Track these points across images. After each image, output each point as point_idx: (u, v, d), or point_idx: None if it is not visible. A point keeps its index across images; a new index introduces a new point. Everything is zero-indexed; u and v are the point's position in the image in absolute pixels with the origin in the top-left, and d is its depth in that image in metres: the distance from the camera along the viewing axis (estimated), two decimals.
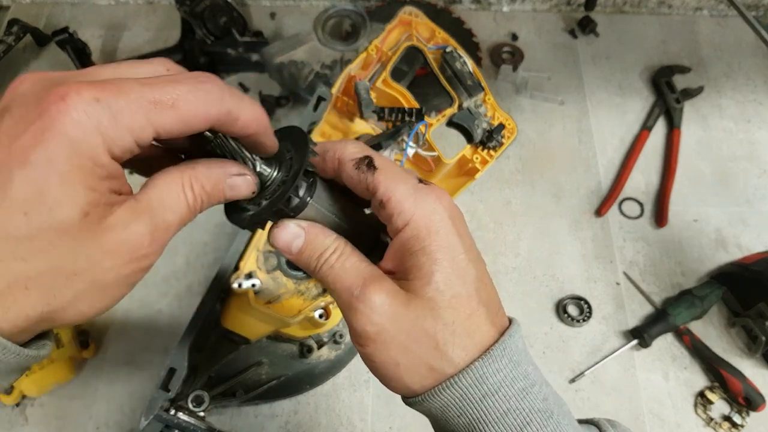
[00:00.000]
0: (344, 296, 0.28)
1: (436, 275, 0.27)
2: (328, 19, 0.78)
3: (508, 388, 0.27)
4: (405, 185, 0.28)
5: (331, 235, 0.30)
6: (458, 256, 0.28)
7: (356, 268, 0.29)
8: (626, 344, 0.66)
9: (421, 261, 0.28)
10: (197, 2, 0.80)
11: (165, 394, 0.53)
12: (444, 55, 0.67)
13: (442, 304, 0.27)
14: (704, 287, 0.68)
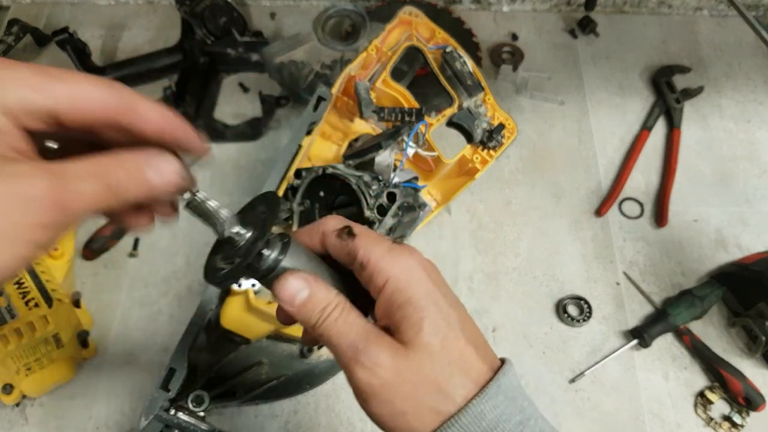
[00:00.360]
0: (348, 352, 0.30)
1: (425, 322, 0.29)
2: (328, 19, 0.78)
3: (505, 423, 0.29)
4: (381, 246, 0.31)
5: (333, 291, 0.31)
6: (439, 302, 0.30)
7: (358, 324, 0.30)
8: (626, 344, 0.66)
9: (409, 312, 0.29)
10: (197, 2, 0.80)
11: (165, 394, 0.53)
12: (444, 55, 0.67)
13: (437, 348, 0.29)
14: (704, 287, 0.68)
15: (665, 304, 0.68)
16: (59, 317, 0.58)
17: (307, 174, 0.59)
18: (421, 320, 0.29)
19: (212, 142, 0.80)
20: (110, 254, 0.71)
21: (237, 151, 0.80)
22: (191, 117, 0.81)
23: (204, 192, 0.30)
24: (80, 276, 0.69)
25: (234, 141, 0.80)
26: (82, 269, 0.70)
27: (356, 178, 0.55)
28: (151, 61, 0.84)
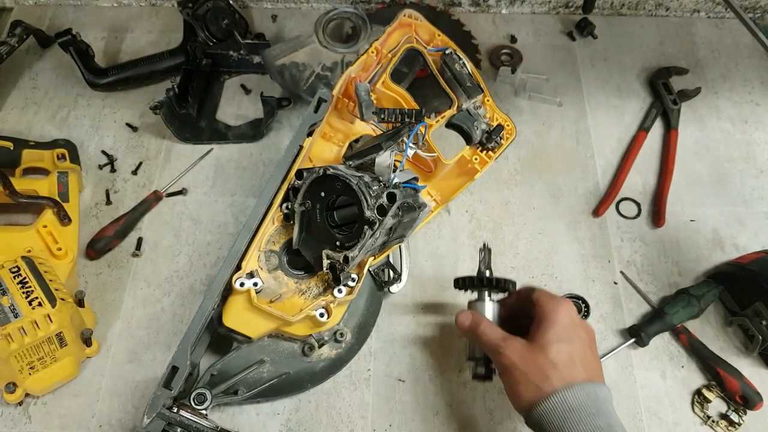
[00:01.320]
0: (492, 347, 0.53)
1: (550, 331, 0.50)
2: (329, 21, 0.79)
3: (581, 410, 0.46)
4: (547, 294, 0.55)
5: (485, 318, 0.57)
6: (568, 328, 0.51)
7: (499, 332, 0.54)
8: (624, 343, 0.67)
9: (543, 324, 0.51)
10: (200, 5, 0.80)
11: (167, 392, 0.54)
12: (443, 57, 0.68)
13: (551, 348, 0.49)
14: (701, 286, 0.69)
15: (662, 304, 0.69)
16: (63, 316, 0.58)
17: (308, 174, 0.60)
18: (548, 329, 0.50)
19: (214, 143, 0.81)
20: (113, 254, 0.72)
21: (239, 152, 0.80)
22: (193, 118, 0.81)
23: None
24: (84, 275, 0.70)
25: (236, 142, 0.81)
26: (86, 269, 0.70)
27: (357, 178, 0.56)
28: (154, 63, 0.85)
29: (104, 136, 0.81)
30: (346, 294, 0.60)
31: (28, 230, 0.67)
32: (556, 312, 0.51)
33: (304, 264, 0.62)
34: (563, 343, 0.49)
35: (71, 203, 0.71)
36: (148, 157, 0.80)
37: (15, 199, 0.67)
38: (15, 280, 0.58)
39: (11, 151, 0.74)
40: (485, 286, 0.59)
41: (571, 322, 0.51)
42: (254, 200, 0.63)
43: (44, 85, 0.86)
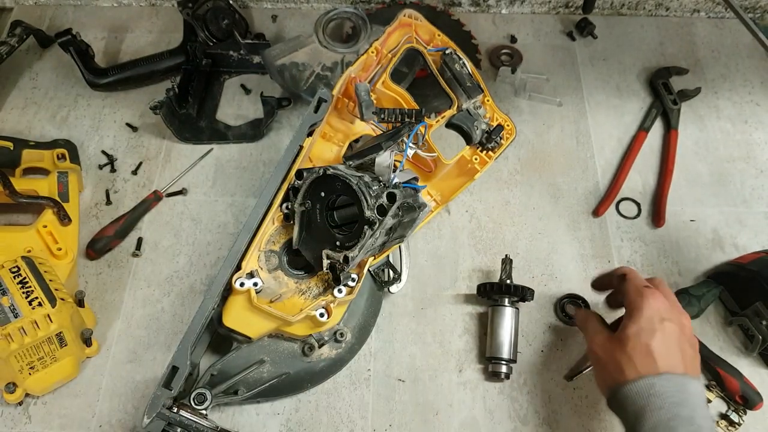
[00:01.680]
0: (588, 337, 0.57)
1: (631, 325, 0.52)
2: (329, 21, 0.79)
3: (661, 400, 0.48)
4: (635, 285, 0.56)
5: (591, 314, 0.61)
6: (653, 318, 0.52)
7: (597, 327, 0.57)
8: None
9: (627, 319, 0.54)
10: (200, 5, 0.80)
11: (168, 392, 0.54)
12: (443, 57, 0.68)
13: (630, 341, 0.52)
14: (701, 287, 0.69)
15: None
16: (63, 316, 0.58)
17: (308, 174, 0.60)
18: (630, 323, 0.52)
19: (214, 143, 0.81)
20: (113, 254, 0.72)
21: (239, 152, 0.80)
22: (193, 118, 0.81)
23: None
24: (84, 275, 0.70)
25: (236, 142, 0.81)
26: (86, 269, 0.71)
27: (357, 178, 0.56)
28: (154, 63, 0.85)
29: (104, 136, 0.81)
30: (346, 294, 0.60)
31: (28, 230, 0.67)
32: (641, 306, 0.52)
33: (304, 264, 0.63)
34: (642, 337, 0.51)
35: (71, 203, 0.71)
36: (148, 157, 0.80)
37: (15, 199, 0.67)
38: (15, 280, 0.58)
39: (11, 151, 0.74)
40: (505, 293, 0.65)
41: (656, 314, 0.52)
42: (254, 200, 0.63)
43: (44, 85, 0.86)
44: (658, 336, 0.51)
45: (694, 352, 0.53)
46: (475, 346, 0.67)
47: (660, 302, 0.53)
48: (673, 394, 0.48)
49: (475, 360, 0.66)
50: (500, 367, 0.64)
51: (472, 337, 0.68)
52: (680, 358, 0.51)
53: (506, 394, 0.64)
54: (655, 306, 0.52)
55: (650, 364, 0.50)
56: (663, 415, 0.47)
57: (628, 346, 0.51)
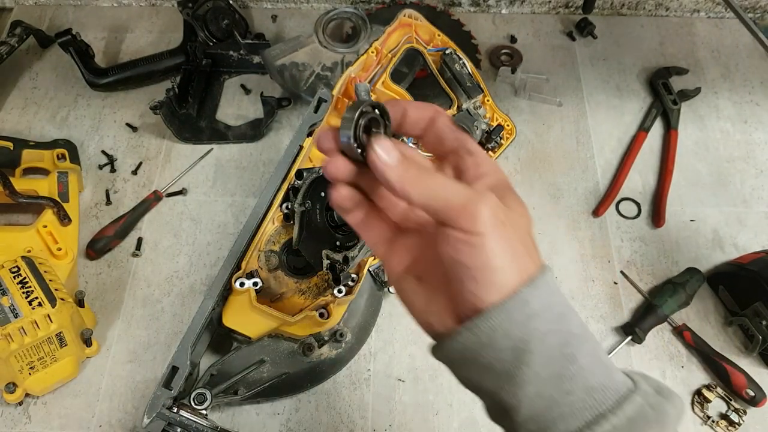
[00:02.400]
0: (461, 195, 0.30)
1: (523, 208, 0.32)
2: (329, 21, 0.79)
3: (548, 312, 0.30)
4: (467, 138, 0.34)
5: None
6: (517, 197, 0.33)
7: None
8: (622, 342, 0.67)
9: (513, 196, 0.32)
10: (200, 5, 0.80)
11: (167, 392, 0.54)
12: (443, 57, 0.68)
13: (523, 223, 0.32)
14: (684, 274, 0.69)
15: (651, 298, 0.69)
16: (63, 316, 0.58)
17: (308, 174, 0.60)
18: (517, 198, 0.32)
19: (214, 143, 0.81)
20: (113, 254, 0.72)
21: (239, 152, 0.80)
22: (193, 118, 0.81)
23: None
24: (84, 275, 0.70)
25: (236, 142, 0.81)
26: (86, 269, 0.71)
27: None
28: (154, 63, 0.85)
29: (104, 136, 0.81)
30: (346, 294, 0.60)
31: (28, 230, 0.67)
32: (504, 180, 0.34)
33: (304, 264, 0.63)
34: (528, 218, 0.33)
35: (71, 203, 0.71)
36: (148, 157, 0.80)
37: (15, 199, 0.67)
38: (15, 280, 0.58)
39: (11, 151, 0.74)
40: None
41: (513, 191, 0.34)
42: (254, 200, 0.63)
43: (44, 85, 0.86)
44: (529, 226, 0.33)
45: None
46: None
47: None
48: (554, 305, 0.30)
49: None
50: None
51: None
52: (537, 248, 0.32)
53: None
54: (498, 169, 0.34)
55: (533, 261, 0.31)
56: (553, 341, 0.29)
57: (523, 228, 0.31)
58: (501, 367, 0.29)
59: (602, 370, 0.30)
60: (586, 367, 0.29)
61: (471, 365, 0.31)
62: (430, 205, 0.29)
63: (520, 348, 0.29)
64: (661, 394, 0.30)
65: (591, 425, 0.28)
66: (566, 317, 0.30)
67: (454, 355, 0.31)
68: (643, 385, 0.30)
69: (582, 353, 0.30)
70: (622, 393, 0.29)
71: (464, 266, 0.29)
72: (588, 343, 0.30)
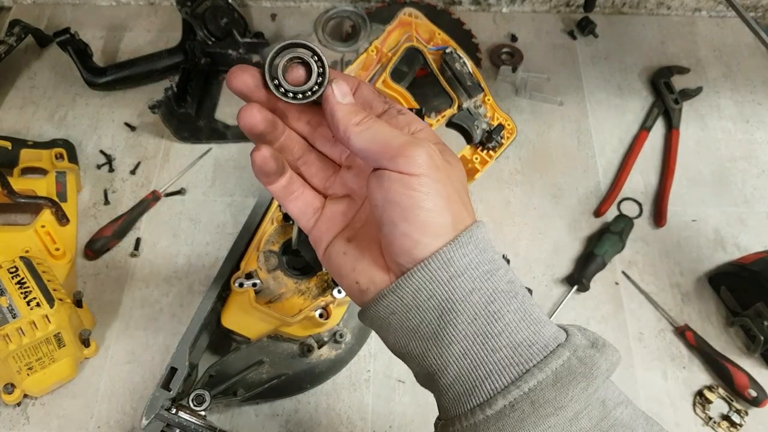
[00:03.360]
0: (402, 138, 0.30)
1: (457, 161, 0.33)
2: (329, 20, 0.78)
3: (473, 270, 0.29)
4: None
5: None
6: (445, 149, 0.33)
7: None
8: (568, 292, 0.69)
9: (448, 151, 0.33)
10: (198, 3, 0.80)
11: (166, 393, 0.54)
12: (444, 56, 0.67)
13: (459, 176, 0.32)
14: (618, 222, 0.72)
15: (589, 247, 0.71)
16: (61, 317, 0.58)
17: None
18: (451, 153, 0.33)
19: (213, 143, 0.81)
20: (112, 254, 0.72)
21: (238, 152, 0.80)
22: (192, 117, 0.81)
23: None
24: (82, 276, 0.70)
25: (235, 141, 0.81)
26: (84, 269, 0.70)
27: None
28: (153, 62, 0.84)
29: (102, 135, 0.81)
30: (346, 294, 0.60)
31: (26, 230, 0.66)
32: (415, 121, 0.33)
33: (303, 264, 0.62)
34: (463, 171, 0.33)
35: (69, 203, 0.71)
36: (147, 156, 0.79)
37: (13, 198, 0.67)
38: (13, 280, 0.58)
39: (9, 150, 0.74)
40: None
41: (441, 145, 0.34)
42: (253, 200, 0.63)
43: (42, 84, 0.86)
44: (460, 179, 0.32)
45: None
46: None
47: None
48: (481, 263, 0.30)
49: None
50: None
51: None
52: (470, 203, 0.32)
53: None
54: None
55: (467, 212, 0.31)
56: (477, 299, 0.29)
57: (459, 180, 0.31)
58: (426, 330, 0.29)
59: (529, 326, 0.29)
60: (512, 324, 0.29)
61: (398, 329, 0.31)
62: (370, 149, 0.30)
63: (444, 308, 0.29)
64: (595, 346, 0.30)
65: (516, 381, 0.28)
66: (494, 274, 0.30)
67: (381, 320, 0.31)
68: (576, 339, 0.29)
69: (508, 309, 0.29)
70: (550, 348, 0.29)
71: (397, 205, 0.29)
72: (515, 300, 0.30)
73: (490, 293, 0.29)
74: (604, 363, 0.29)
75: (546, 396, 0.27)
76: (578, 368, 0.28)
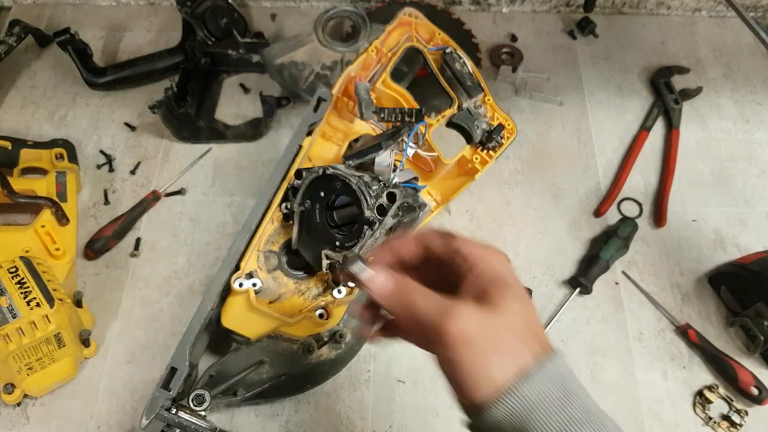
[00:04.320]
0: (437, 312, 0.34)
1: (511, 291, 0.35)
2: (329, 20, 0.78)
3: (546, 401, 0.33)
4: (475, 242, 0.38)
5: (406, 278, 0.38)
6: (519, 284, 0.37)
7: (436, 295, 0.36)
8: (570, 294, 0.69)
9: (498, 282, 0.36)
10: (198, 3, 0.80)
11: (166, 393, 0.54)
12: (444, 56, 0.67)
13: (518, 312, 0.35)
14: (625, 227, 0.72)
15: (593, 250, 0.71)
16: (61, 317, 0.58)
17: (307, 174, 0.59)
18: (508, 290, 0.35)
19: (213, 143, 0.81)
20: (112, 254, 0.72)
21: (238, 152, 0.80)
22: (192, 117, 0.81)
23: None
24: (82, 276, 0.70)
25: (235, 141, 0.81)
26: (84, 269, 0.70)
27: (356, 178, 0.56)
28: (153, 62, 0.84)
29: (102, 135, 0.81)
30: (346, 294, 0.60)
31: (26, 230, 0.66)
32: (504, 267, 0.37)
33: (303, 264, 0.62)
34: (525, 303, 0.36)
35: (69, 203, 0.71)
36: (147, 156, 0.79)
37: (13, 198, 0.67)
38: (13, 280, 0.58)
39: (9, 150, 0.74)
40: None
41: (514, 275, 0.38)
42: (253, 200, 0.63)
43: (42, 84, 0.86)
44: (529, 306, 0.36)
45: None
46: None
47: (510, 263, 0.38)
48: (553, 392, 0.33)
49: None
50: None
51: None
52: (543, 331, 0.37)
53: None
54: (511, 268, 0.38)
55: (536, 344, 0.34)
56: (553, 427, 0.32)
57: (513, 320, 0.34)
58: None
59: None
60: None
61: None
62: (410, 324, 0.36)
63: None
64: None
65: None
66: (568, 402, 0.32)
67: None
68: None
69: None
70: None
71: (449, 377, 0.35)
72: (588, 426, 0.32)
73: (565, 421, 0.32)
74: None
75: None
76: None
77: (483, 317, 0.34)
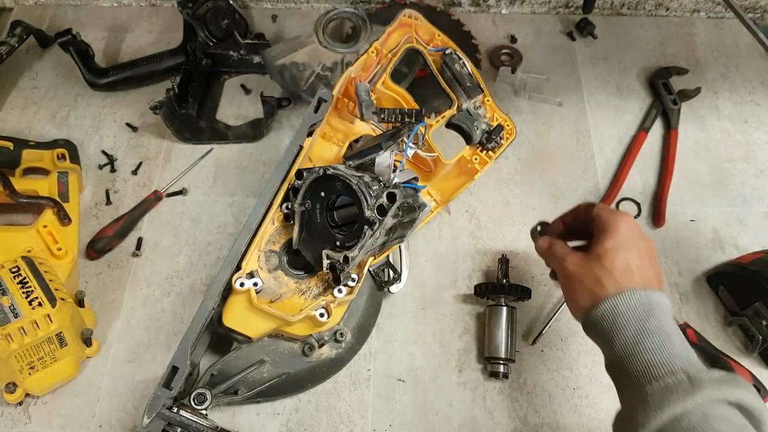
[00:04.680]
0: (560, 258, 0.54)
1: (606, 242, 0.51)
2: (329, 21, 0.79)
3: (631, 313, 0.48)
4: (607, 208, 0.55)
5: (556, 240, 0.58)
6: (627, 238, 0.51)
7: (565, 248, 0.55)
8: None
9: (601, 235, 0.52)
10: (200, 5, 0.80)
11: (168, 392, 0.54)
12: (443, 57, 0.68)
13: (606, 256, 0.50)
14: None
15: None
16: (63, 316, 0.58)
17: (308, 174, 0.60)
18: (606, 239, 0.51)
19: (214, 143, 0.81)
20: (113, 254, 0.72)
21: (239, 152, 0.80)
22: (193, 118, 0.81)
23: None
24: (84, 275, 0.70)
25: (236, 142, 0.81)
26: (86, 269, 0.71)
27: (357, 178, 0.56)
28: (154, 63, 0.85)
29: (104, 136, 0.81)
30: (346, 294, 0.60)
31: (28, 230, 0.67)
32: (616, 223, 0.52)
33: (304, 264, 0.63)
34: (620, 252, 0.50)
35: (71, 203, 0.71)
36: (148, 157, 0.80)
37: (15, 199, 0.67)
38: (15, 280, 0.58)
39: (11, 151, 0.74)
40: (501, 293, 0.66)
41: (630, 232, 0.52)
42: (254, 200, 0.63)
43: (44, 85, 0.86)
44: (634, 251, 0.51)
45: (657, 269, 0.53)
46: (474, 346, 0.67)
47: (634, 223, 0.53)
48: (644, 307, 0.48)
49: (474, 360, 0.66)
50: (498, 366, 0.64)
51: (472, 337, 0.68)
52: (654, 275, 0.51)
53: (506, 394, 0.64)
54: (630, 224, 0.52)
55: (630, 278, 0.49)
56: (632, 328, 0.47)
57: (607, 260, 0.50)
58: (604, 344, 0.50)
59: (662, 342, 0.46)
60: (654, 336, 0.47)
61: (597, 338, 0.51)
62: (552, 263, 0.57)
63: (610, 330, 0.48)
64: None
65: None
66: (646, 318, 0.47)
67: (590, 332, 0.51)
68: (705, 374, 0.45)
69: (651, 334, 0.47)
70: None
71: (564, 295, 0.54)
72: (656, 336, 0.46)
73: (640, 327, 0.47)
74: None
75: None
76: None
77: (581, 261, 0.52)
